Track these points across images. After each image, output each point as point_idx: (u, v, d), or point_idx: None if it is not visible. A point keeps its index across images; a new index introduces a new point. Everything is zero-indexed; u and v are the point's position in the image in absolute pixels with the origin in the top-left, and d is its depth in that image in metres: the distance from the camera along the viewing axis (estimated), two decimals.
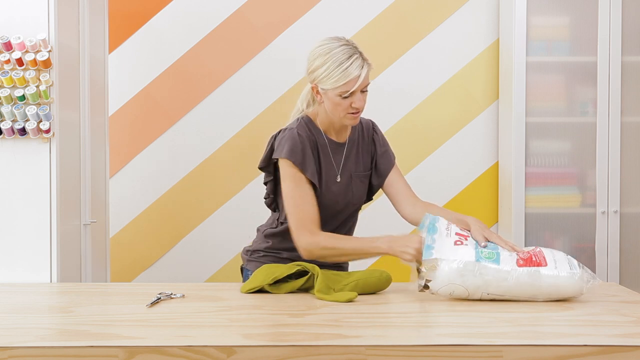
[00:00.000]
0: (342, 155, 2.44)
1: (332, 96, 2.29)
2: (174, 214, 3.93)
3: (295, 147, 2.33)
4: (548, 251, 2.20)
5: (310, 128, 2.39)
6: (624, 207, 3.65)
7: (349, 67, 2.24)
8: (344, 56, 2.25)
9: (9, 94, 2.62)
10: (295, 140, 2.33)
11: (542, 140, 3.67)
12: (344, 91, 2.26)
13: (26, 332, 1.83)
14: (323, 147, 2.40)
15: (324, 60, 2.26)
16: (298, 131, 2.35)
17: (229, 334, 1.83)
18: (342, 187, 2.42)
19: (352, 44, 2.30)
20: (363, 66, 2.26)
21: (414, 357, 1.68)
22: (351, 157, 2.46)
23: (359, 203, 2.49)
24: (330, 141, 2.42)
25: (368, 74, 2.29)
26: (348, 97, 2.28)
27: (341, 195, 2.42)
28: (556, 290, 2.13)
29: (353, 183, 2.45)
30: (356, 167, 2.46)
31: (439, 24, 3.94)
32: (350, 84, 2.25)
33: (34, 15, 2.65)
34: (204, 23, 3.91)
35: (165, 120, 3.93)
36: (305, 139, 2.35)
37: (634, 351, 1.68)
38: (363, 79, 2.27)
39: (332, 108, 2.32)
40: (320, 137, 2.40)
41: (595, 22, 3.61)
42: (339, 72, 2.24)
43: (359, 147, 2.48)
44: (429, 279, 2.19)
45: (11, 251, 2.66)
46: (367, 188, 2.51)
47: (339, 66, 2.24)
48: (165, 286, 2.39)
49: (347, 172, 2.44)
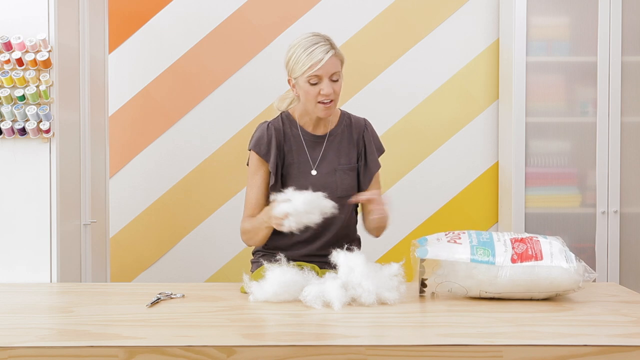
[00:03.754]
0: (320, 148, 2.47)
1: (302, 84, 2.38)
2: (174, 214, 3.93)
3: (262, 139, 2.44)
4: (546, 242, 2.20)
5: (286, 122, 2.48)
6: (624, 207, 3.64)
7: (313, 52, 2.34)
8: (309, 43, 2.37)
9: (9, 94, 2.62)
10: (263, 132, 2.45)
11: (542, 140, 3.67)
12: (310, 76, 2.35)
13: (26, 332, 1.83)
14: (297, 139, 2.46)
15: (293, 51, 2.39)
16: (269, 124, 2.47)
17: (229, 334, 1.83)
18: (321, 178, 2.44)
19: (323, 36, 2.40)
20: (328, 51, 2.35)
21: (414, 357, 1.68)
22: (332, 150, 2.48)
23: (346, 194, 2.47)
24: (306, 134, 2.47)
25: (338, 64, 2.38)
26: (316, 84, 2.36)
27: (320, 186, 2.41)
28: (551, 284, 2.13)
29: (337, 176, 2.46)
30: (339, 160, 2.47)
31: (439, 24, 3.94)
32: (314, 66, 2.34)
33: (34, 15, 2.65)
34: (204, 23, 3.91)
35: (165, 120, 3.93)
36: (275, 131, 2.44)
37: (634, 351, 1.68)
38: (328, 63, 2.34)
39: (305, 98, 2.40)
40: (296, 130, 2.47)
41: (595, 22, 3.61)
42: (304, 56, 2.35)
43: (343, 140, 2.50)
44: (424, 278, 2.20)
45: (11, 251, 2.66)
46: (355, 181, 2.50)
47: (305, 51, 2.36)
48: (165, 286, 2.39)
49: (329, 165, 2.46)
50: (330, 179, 2.45)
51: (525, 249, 2.16)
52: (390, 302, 2.11)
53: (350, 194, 2.47)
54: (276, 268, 2.20)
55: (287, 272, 2.19)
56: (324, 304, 2.08)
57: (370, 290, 2.10)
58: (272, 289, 2.16)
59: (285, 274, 2.19)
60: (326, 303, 2.08)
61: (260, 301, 2.16)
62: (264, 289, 2.17)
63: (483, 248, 2.16)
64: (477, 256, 2.14)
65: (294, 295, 2.15)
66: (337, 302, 2.07)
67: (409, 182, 3.95)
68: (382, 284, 2.13)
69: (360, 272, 2.13)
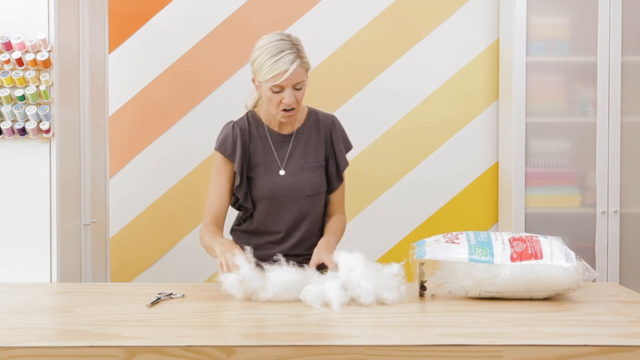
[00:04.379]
0: (288, 146, 2.47)
1: (265, 89, 2.35)
2: (174, 214, 3.93)
3: (227, 139, 2.43)
4: (546, 242, 2.20)
5: (252, 122, 2.47)
6: (624, 207, 3.64)
7: (278, 61, 2.28)
8: (276, 49, 2.29)
9: (9, 94, 2.62)
10: (229, 132, 2.44)
11: (542, 140, 3.67)
12: (273, 85, 2.30)
13: (26, 332, 1.83)
14: (263, 138, 2.45)
15: (259, 53, 2.33)
16: (235, 124, 2.45)
17: (229, 334, 1.83)
18: (289, 177, 2.44)
19: (290, 40, 2.32)
20: (294, 62, 2.28)
21: (414, 357, 1.68)
22: (299, 149, 2.47)
23: (315, 192, 2.47)
24: (272, 133, 2.46)
25: (303, 73, 2.32)
26: (279, 92, 2.32)
27: (288, 186, 2.43)
28: (551, 282, 2.13)
29: (305, 174, 2.46)
30: (306, 158, 2.47)
31: (439, 24, 3.94)
32: (278, 77, 2.28)
33: (34, 15, 2.65)
34: (204, 23, 3.91)
35: (165, 120, 3.93)
36: (240, 131, 2.43)
37: (634, 351, 1.68)
38: (292, 74, 2.28)
39: (267, 102, 2.38)
40: (262, 129, 2.46)
41: (595, 22, 3.61)
42: (269, 64, 2.29)
43: (310, 138, 2.49)
44: (424, 280, 2.20)
45: (11, 251, 2.66)
46: (323, 178, 2.50)
47: (270, 59, 2.29)
48: (165, 286, 2.39)
49: (296, 164, 2.46)
50: (298, 177, 2.45)
51: (524, 247, 2.16)
52: (390, 302, 2.11)
53: (318, 192, 2.48)
54: (276, 268, 2.20)
55: (287, 273, 2.19)
56: (323, 304, 2.08)
57: (369, 290, 2.10)
58: (273, 289, 2.16)
59: (285, 274, 2.19)
60: (325, 303, 2.08)
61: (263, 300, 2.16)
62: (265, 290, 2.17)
63: (481, 247, 2.17)
64: (476, 256, 2.14)
65: (294, 294, 2.15)
66: (336, 301, 2.07)
67: (409, 182, 3.95)
68: (382, 284, 2.13)
69: (359, 272, 2.13)
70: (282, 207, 2.45)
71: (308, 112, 2.53)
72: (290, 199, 2.44)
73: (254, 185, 2.43)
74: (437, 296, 2.23)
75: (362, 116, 3.92)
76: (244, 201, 2.46)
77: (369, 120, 3.92)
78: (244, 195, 2.44)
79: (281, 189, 2.43)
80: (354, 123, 3.93)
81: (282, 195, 2.43)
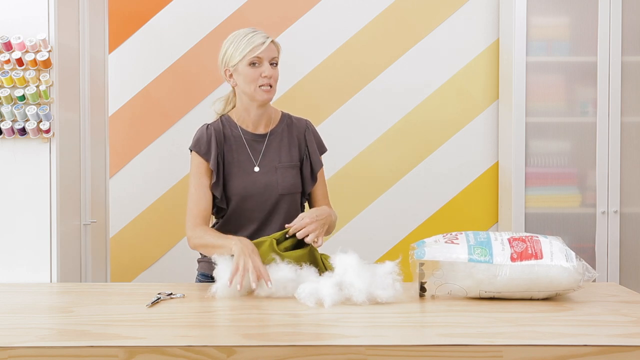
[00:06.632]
0: (262, 146, 2.49)
1: (242, 69, 2.42)
2: (174, 214, 3.93)
3: (201, 138, 2.48)
4: (546, 242, 2.20)
5: (226, 124, 2.51)
6: (624, 207, 3.64)
7: (253, 36, 2.42)
8: (247, 32, 2.45)
9: (9, 94, 2.62)
10: (203, 132, 2.49)
11: (542, 140, 3.67)
12: (252, 57, 2.40)
13: (26, 332, 1.83)
14: (237, 139, 2.49)
15: (230, 41, 2.46)
16: (209, 125, 2.51)
17: (229, 334, 1.83)
18: (262, 177, 2.46)
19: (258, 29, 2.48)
20: (268, 37, 2.43)
21: (414, 357, 1.68)
22: (273, 148, 2.50)
23: (288, 192, 2.49)
24: (246, 133, 2.50)
25: (276, 51, 2.45)
26: (258, 67, 2.41)
27: (262, 185, 2.46)
28: (551, 282, 2.13)
29: (278, 173, 2.48)
30: (279, 158, 2.49)
31: (439, 24, 3.94)
32: (256, 49, 2.40)
33: (34, 15, 2.65)
34: (204, 23, 3.91)
35: (165, 120, 3.93)
36: (215, 131, 2.48)
37: (634, 351, 1.68)
38: (268, 47, 2.41)
39: (245, 83, 2.43)
40: (236, 130, 2.50)
41: (595, 22, 3.61)
42: (245, 41, 2.42)
43: (284, 139, 2.52)
44: (424, 281, 2.20)
45: (11, 251, 2.66)
46: (298, 178, 2.52)
47: (244, 37, 2.42)
48: (165, 286, 2.39)
49: (270, 163, 2.49)
50: (272, 176, 2.47)
51: (524, 247, 2.16)
52: (383, 300, 2.11)
53: (292, 191, 2.49)
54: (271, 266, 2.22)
55: (281, 270, 2.21)
56: (317, 302, 2.09)
57: (361, 289, 2.11)
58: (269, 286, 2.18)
59: (279, 271, 2.21)
60: (319, 301, 2.09)
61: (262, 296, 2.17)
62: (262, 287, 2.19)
63: (480, 247, 2.17)
64: (475, 256, 2.14)
65: (290, 292, 2.17)
66: (329, 299, 2.09)
67: (408, 182, 3.95)
68: (376, 282, 2.14)
69: (352, 272, 2.15)
70: (255, 206, 2.47)
71: (282, 115, 2.58)
72: (263, 197, 2.46)
73: (228, 184, 2.46)
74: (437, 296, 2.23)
75: (362, 116, 3.91)
76: (219, 201, 2.47)
77: (369, 120, 3.92)
78: (220, 193, 2.45)
79: (255, 187, 2.46)
80: (354, 123, 3.94)
81: (256, 193, 2.46)
